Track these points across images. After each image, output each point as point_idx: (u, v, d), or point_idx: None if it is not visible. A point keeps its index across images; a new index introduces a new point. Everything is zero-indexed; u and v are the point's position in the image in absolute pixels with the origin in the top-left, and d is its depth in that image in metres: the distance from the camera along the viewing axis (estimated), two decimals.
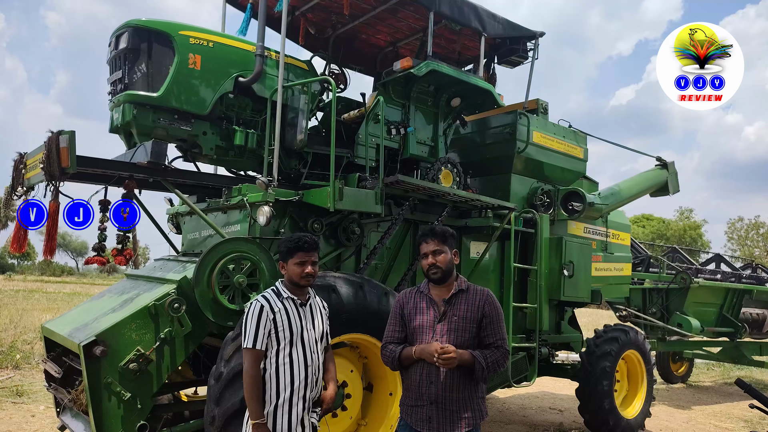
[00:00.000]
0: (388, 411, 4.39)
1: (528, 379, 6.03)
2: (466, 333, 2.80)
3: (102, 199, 4.52)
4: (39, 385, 7.56)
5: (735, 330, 10.16)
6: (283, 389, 2.84)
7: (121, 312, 3.96)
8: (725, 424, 7.96)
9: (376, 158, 4.99)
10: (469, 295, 2.88)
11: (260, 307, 2.85)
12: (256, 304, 2.87)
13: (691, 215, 51.24)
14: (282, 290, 2.98)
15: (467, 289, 2.90)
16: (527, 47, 6.34)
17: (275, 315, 2.86)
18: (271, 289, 2.99)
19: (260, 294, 2.97)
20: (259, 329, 2.82)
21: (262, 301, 2.88)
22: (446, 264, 2.88)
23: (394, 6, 5.59)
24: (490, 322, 2.83)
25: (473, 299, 2.86)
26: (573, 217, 6.49)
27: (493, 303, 2.88)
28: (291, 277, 2.98)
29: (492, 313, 2.85)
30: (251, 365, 2.82)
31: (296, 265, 2.94)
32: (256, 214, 4.25)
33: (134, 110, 4.33)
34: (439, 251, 2.87)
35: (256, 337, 2.81)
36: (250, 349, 2.82)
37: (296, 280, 2.96)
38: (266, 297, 2.92)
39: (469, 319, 2.82)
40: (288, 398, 2.85)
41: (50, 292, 26.03)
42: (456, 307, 2.85)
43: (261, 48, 4.71)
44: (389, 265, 5.25)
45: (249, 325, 2.84)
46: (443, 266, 2.87)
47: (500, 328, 2.86)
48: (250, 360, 2.82)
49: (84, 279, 48.61)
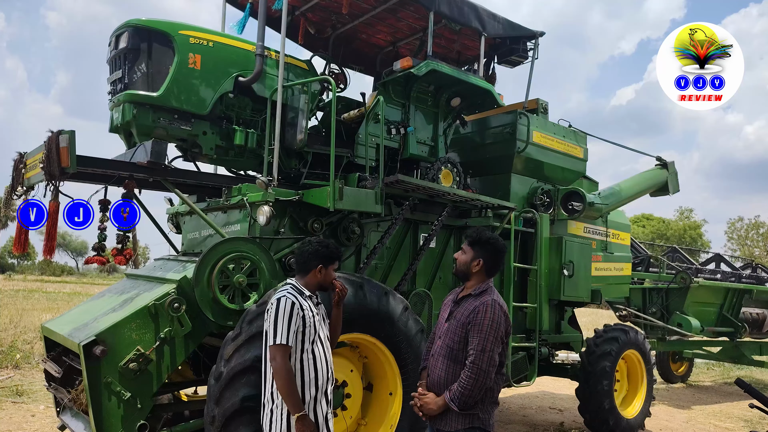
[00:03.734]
0: (388, 411, 4.38)
1: (528, 379, 6.03)
2: (456, 336, 2.86)
3: (102, 199, 4.51)
4: (39, 384, 7.56)
5: (735, 330, 10.16)
6: (309, 386, 2.90)
7: (121, 312, 3.96)
8: (725, 424, 7.96)
9: (376, 158, 4.99)
10: (473, 301, 2.89)
11: (291, 303, 2.86)
12: (287, 300, 2.86)
13: (691, 215, 51.30)
14: (302, 289, 3.03)
15: (478, 295, 2.90)
16: (527, 47, 6.34)
17: (304, 312, 2.90)
18: (291, 287, 3.00)
19: (281, 291, 2.96)
20: (291, 325, 2.83)
21: (292, 297, 2.89)
22: (461, 264, 3.01)
23: (394, 6, 5.59)
24: (472, 330, 2.79)
25: (472, 305, 2.86)
26: (573, 216, 6.49)
27: (483, 312, 2.78)
28: (324, 282, 3.10)
29: (475, 321, 2.78)
30: (285, 360, 2.81)
31: (334, 272, 3.15)
32: (256, 213, 4.25)
33: (134, 110, 4.33)
34: (463, 251, 3.04)
35: (289, 332, 2.82)
36: (283, 345, 2.81)
37: (327, 285, 3.13)
38: (293, 294, 2.93)
39: (462, 323, 2.85)
40: (314, 396, 2.91)
41: (50, 292, 26.03)
42: (461, 309, 2.91)
43: (261, 48, 4.71)
44: (389, 265, 5.25)
45: (281, 321, 2.82)
46: (458, 265, 3.04)
47: (480, 340, 2.73)
48: (282, 355, 2.81)
49: (84, 279, 48.61)
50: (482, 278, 2.96)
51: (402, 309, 4.34)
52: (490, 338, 2.74)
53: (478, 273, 2.95)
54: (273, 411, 2.88)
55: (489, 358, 2.72)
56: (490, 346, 2.74)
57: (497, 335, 2.76)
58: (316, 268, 3.07)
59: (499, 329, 2.77)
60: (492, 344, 2.74)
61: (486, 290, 2.91)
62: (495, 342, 2.75)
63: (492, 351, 2.74)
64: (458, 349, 2.84)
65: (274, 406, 2.87)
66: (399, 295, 4.46)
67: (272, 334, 2.83)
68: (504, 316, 2.82)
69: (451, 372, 2.85)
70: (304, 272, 3.10)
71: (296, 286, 3.02)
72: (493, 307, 2.79)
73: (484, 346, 2.73)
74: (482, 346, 2.73)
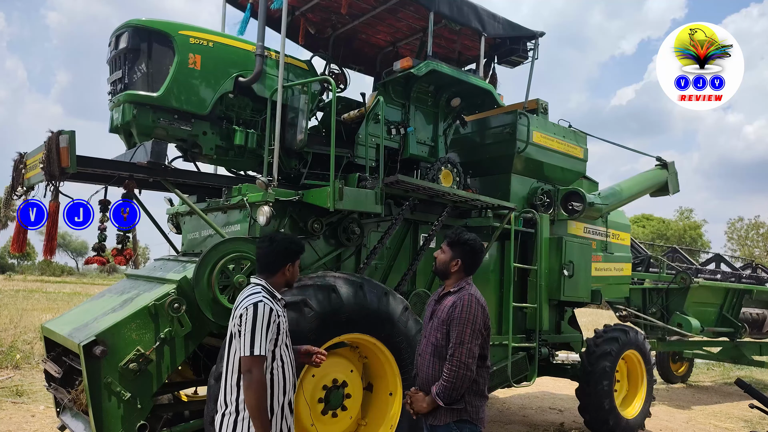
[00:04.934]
0: (388, 411, 4.39)
1: (528, 379, 6.03)
2: (439, 334, 2.94)
3: (102, 199, 4.51)
4: (39, 385, 7.56)
5: (735, 330, 10.16)
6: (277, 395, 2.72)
7: (121, 312, 3.96)
8: (725, 424, 7.96)
9: (376, 158, 4.99)
10: (452, 297, 2.96)
11: (270, 310, 2.65)
12: (265, 307, 2.64)
13: (691, 215, 51.30)
14: (273, 291, 2.82)
15: (456, 292, 2.98)
16: (527, 47, 6.34)
17: (279, 319, 2.73)
18: (263, 288, 2.78)
19: (255, 295, 2.71)
20: (269, 335, 2.62)
21: (270, 303, 2.67)
22: (441, 264, 3.11)
23: (393, 6, 5.59)
24: (451, 324, 2.87)
25: (450, 301, 2.94)
26: (573, 217, 6.49)
27: (461, 306, 2.86)
28: (293, 279, 2.96)
29: (454, 315, 2.86)
30: (262, 374, 2.60)
31: (299, 267, 3.00)
32: (256, 214, 4.25)
33: (134, 110, 4.33)
34: (442, 251, 3.12)
35: (267, 342, 2.61)
36: (261, 357, 2.59)
37: (294, 282, 3.01)
38: (269, 298, 2.72)
39: (443, 320, 2.92)
40: (282, 403, 2.74)
41: (50, 292, 26.02)
42: (441, 307, 3.00)
43: (261, 48, 4.71)
44: (389, 265, 5.25)
45: (260, 330, 2.59)
46: (437, 264, 3.14)
47: (459, 333, 2.82)
48: (260, 368, 2.59)
49: (84, 279, 48.59)
50: (461, 276, 3.06)
51: (402, 309, 4.34)
52: (467, 331, 2.83)
53: (457, 272, 3.06)
54: (238, 422, 2.64)
55: (468, 350, 2.81)
56: (468, 338, 2.82)
57: (474, 327, 2.85)
58: (285, 267, 2.88)
59: (476, 322, 2.86)
60: (470, 336, 2.83)
61: (464, 287, 3.00)
62: (473, 334, 2.84)
63: (470, 343, 2.82)
64: (442, 345, 2.92)
65: (241, 417, 2.64)
66: (399, 296, 4.47)
67: (248, 344, 2.57)
68: (481, 308, 2.91)
69: (438, 369, 2.92)
70: (272, 272, 2.86)
71: (268, 289, 2.79)
72: (470, 301, 2.89)
73: (462, 339, 2.82)
74: (460, 339, 2.82)
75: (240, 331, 2.64)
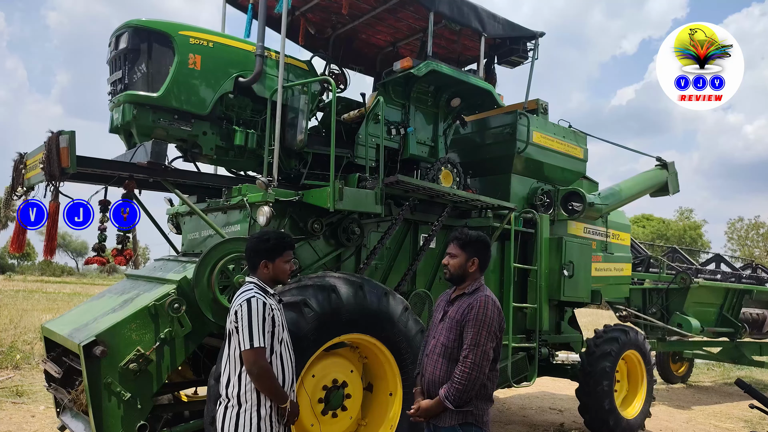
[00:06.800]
0: (388, 411, 4.38)
1: (528, 380, 6.03)
2: (452, 334, 2.91)
3: (102, 199, 4.52)
4: (39, 385, 7.55)
5: (735, 330, 10.17)
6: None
7: (121, 312, 3.96)
8: (725, 424, 7.96)
9: (376, 158, 4.99)
10: (468, 299, 2.95)
11: (263, 303, 2.77)
12: (258, 301, 2.76)
13: (691, 215, 51.35)
14: (264, 287, 2.92)
15: (472, 293, 2.96)
16: (527, 47, 6.34)
17: (274, 312, 2.82)
18: (255, 285, 2.89)
19: (247, 292, 2.83)
20: (266, 327, 2.75)
21: (262, 297, 2.80)
22: (456, 269, 3.04)
23: (394, 6, 5.59)
24: (466, 326, 2.86)
25: (466, 302, 2.92)
26: (573, 217, 6.49)
27: (477, 308, 2.85)
28: (277, 276, 2.98)
29: (470, 316, 2.85)
30: (265, 361, 2.74)
31: (285, 263, 2.99)
32: (256, 214, 4.25)
33: (134, 110, 4.33)
34: (454, 255, 3.05)
35: (264, 334, 2.73)
36: (261, 348, 2.72)
37: (283, 278, 3.01)
38: (261, 293, 2.84)
39: (457, 321, 2.91)
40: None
41: (50, 293, 26.03)
42: (455, 308, 2.96)
43: (261, 48, 4.71)
44: (389, 265, 5.25)
45: (256, 323, 2.72)
46: (452, 270, 3.05)
47: (474, 334, 2.81)
48: (262, 357, 2.73)
49: (84, 279, 48.61)
50: (477, 276, 3.04)
51: (402, 309, 4.34)
52: (483, 333, 2.81)
53: (475, 272, 3.03)
54: (240, 414, 2.76)
55: (483, 352, 2.79)
56: (484, 340, 2.81)
57: (491, 330, 2.83)
58: (261, 264, 2.95)
59: (492, 324, 2.84)
60: (485, 339, 2.81)
61: (479, 288, 2.99)
62: (488, 337, 2.82)
63: (485, 345, 2.81)
64: (454, 347, 2.89)
65: (242, 410, 2.76)
66: (399, 296, 4.46)
67: (247, 337, 2.71)
68: (497, 311, 2.89)
69: (445, 370, 2.90)
70: (252, 269, 3.00)
71: (259, 285, 2.91)
72: (486, 303, 2.87)
73: (477, 341, 2.80)
74: (476, 340, 2.80)
75: (237, 327, 2.76)
